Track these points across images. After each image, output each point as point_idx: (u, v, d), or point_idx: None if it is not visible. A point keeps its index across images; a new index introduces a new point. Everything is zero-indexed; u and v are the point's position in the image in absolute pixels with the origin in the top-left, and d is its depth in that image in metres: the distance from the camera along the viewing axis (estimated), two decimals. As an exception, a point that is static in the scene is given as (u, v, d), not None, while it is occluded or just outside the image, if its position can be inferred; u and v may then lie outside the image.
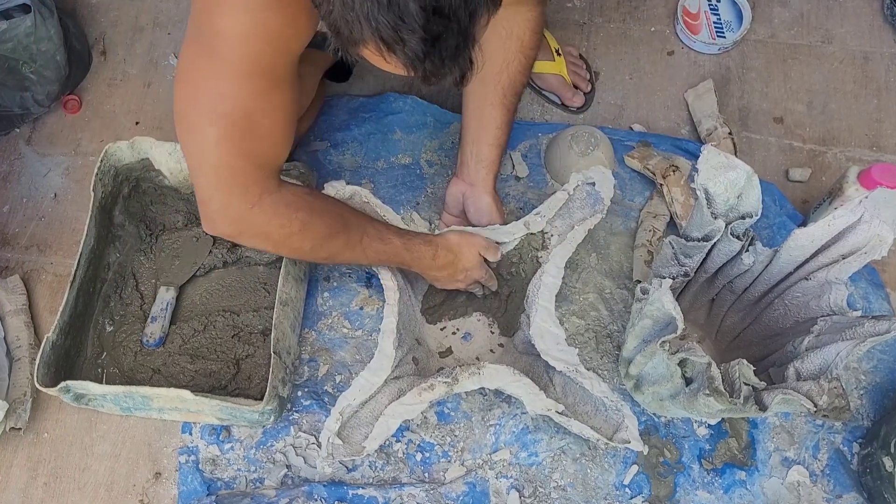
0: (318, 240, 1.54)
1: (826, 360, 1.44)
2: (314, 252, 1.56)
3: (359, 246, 1.59)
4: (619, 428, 1.58)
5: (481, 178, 1.79)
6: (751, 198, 1.50)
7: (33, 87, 2.03)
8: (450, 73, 1.20)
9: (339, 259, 1.63)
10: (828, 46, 2.24)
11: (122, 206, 1.89)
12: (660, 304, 1.43)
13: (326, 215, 1.55)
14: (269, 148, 1.46)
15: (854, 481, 1.72)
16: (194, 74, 1.38)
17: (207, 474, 1.75)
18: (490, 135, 1.76)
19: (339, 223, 1.56)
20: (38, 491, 1.78)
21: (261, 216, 1.45)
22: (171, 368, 1.82)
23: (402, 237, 1.66)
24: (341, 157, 2.08)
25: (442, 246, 1.70)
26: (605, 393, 1.59)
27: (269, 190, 1.46)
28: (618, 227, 1.96)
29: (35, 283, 1.98)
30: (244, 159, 1.41)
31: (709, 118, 2.05)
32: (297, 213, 1.49)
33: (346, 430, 1.59)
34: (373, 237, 1.61)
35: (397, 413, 1.58)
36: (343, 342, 1.86)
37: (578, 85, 2.16)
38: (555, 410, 1.58)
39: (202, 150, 1.41)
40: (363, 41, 1.16)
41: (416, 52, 1.13)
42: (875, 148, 2.10)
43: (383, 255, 1.64)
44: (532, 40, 1.72)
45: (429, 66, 1.17)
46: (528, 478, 1.72)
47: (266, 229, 1.48)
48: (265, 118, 1.41)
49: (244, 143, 1.40)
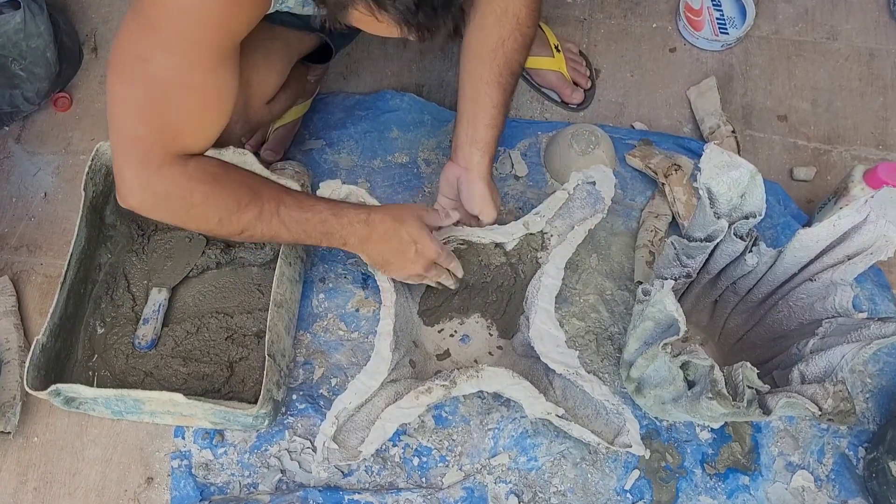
0: (224, 211, 1.49)
1: (831, 363, 1.42)
2: (224, 225, 1.50)
3: (275, 217, 1.52)
4: (620, 432, 1.57)
5: (475, 162, 1.73)
6: (754, 197, 1.48)
7: (23, 84, 2.02)
8: (443, 23, 1.19)
9: (257, 233, 1.53)
10: (833, 43, 2.22)
11: (114, 205, 1.86)
12: (662, 306, 1.41)
13: (232, 186, 1.50)
14: (179, 125, 1.43)
15: (860, 486, 1.71)
16: (127, 33, 1.37)
17: (200, 479, 1.74)
18: (486, 115, 1.71)
19: (248, 194, 1.51)
20: (27, 496, 1.77)
21: (160, 187, 1.43)
22: (164, 371, 1.81)
23: (328, 203, 1.60)
24: (337, 156, 2.07)
25: (376, 210, 1.63)
26: (606, 396, 1.57)
27: (170, 162, 1.43)
28: (619, 227, 1.94)
29: (25, 285, 1.97)
30: (148, 128, 1.40)
31: (711, 116, 2.04)
32: (198, 185, 1.46)
33: (341, 434, 1.57)
34: (291, 206, 1.54)
35: (394, 417, 1.56)
36: (339, 344, 1.85)
37: (578, 82, 2.14)
38: (555, 414, 1.56)
39: (114, 109, 1.41)
40: (352, 2, 1.15)
41: (407, 4, 1.13)
42: (881, 146, 2.08)
43: (307, 224, 1.56)
44: (529, 18, 1.68)
45: (421, 17, 1.16)
46: (528, 483, 1.71)
47: (167, 200, 1.45)
48: (180, 94, 1.39)
49: (150, 112, 1.39)
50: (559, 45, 2.12)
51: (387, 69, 2.19)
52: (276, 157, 2.01)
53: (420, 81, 2.19)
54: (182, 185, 1.45)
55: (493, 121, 1.71)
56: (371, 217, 1.60)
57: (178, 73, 1.36)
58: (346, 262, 1.92)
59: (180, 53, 1.34)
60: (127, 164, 1.42)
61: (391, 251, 1.63)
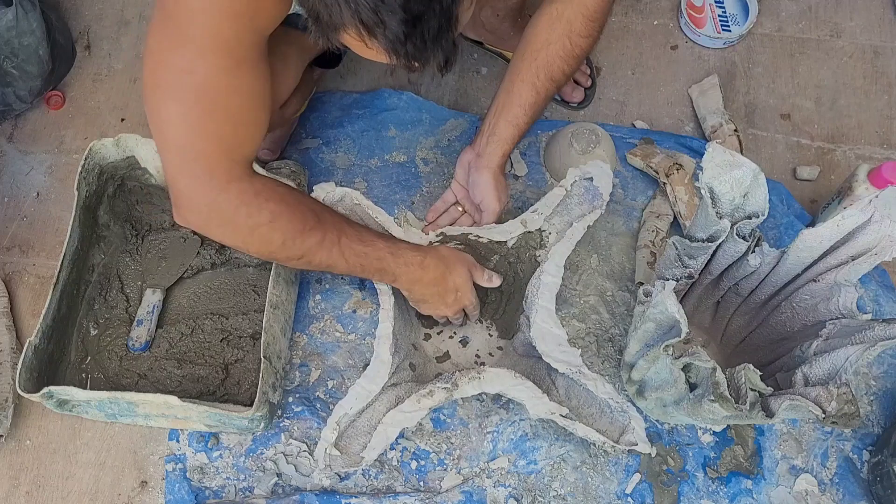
0: (289, 234, 1.47)
1: (835, 365, 1.41)
2: (286, 248, 1.49)
3: (336, 246, 1.52)
4: (625, 430, 1.57)
5: (488, 151, 1.73)
6: (757, 197, 1.47)
7: (15, 82, 2.01)
8: (433, 56, 1.19)
9: (315, 260, 1.53)
10: (836, 41, 2.21)
11: (107, 205, 1.86)
12: (663, 307, 1.40)
13: (299, 208, 1.49)
14: (237, 131, 1.41)
15: (864, 490, 1.70)
16: (159, 46, 1.35)
17: (195, 483, 1.73)
18: (511, 112, 1.71)
19: (312, 218, 1.50)
20: (20, 500, 1.76)
21: (227, 204, 1.41)
22: (158, 373, 1.80)
23: (385, 240, 1.61)
24: (334, 155, 2.06)
25: (431, 255, 1.65)
26: (610, 394, 1.57)
27: (238, 177, 1.41)
28: (619, 227, 1.94)
29: (17, 286, 1.96)
30: (209, 141, 1.38)
31: (714, 115, 2.03)
32: (266, 203, 1.44)
33: (343, 440, 1.57)
34: (352, 237, 1.54)
35: (396, 421, 1.56)
36: (335, 346, 1.84)
37: (578, 80, 2.13)
38: (559, 414, 1.56)
39: (166, 129, 1.38)
40: (343, 26, 1.14)
41: (396, 34, 1.12)
42: (886, 145, 2.08)
43: (364, 258, 1.56)
44: (583, 27, 1.64)
45: (410, 48, 1.15)
46: (527, 486, 1.70)
47: (233, 218, 1.43)
48: (230, 98, 1.37)
49: (209, 124, 1.36)
50: None
51: (384, 67, 2.18)
52: (272, 157, 2.00)
53: (418, 80, 2.18)
54: (250, 203, 1.42)
55: (515, 119, 1.71)
56: (426, 261, 1.63)
57: (224, 76, 1.34)
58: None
59: (218, 55, 1.32)
60: (192, 181, 1.39)
61: (434, 294, 1.67)
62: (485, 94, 2.15)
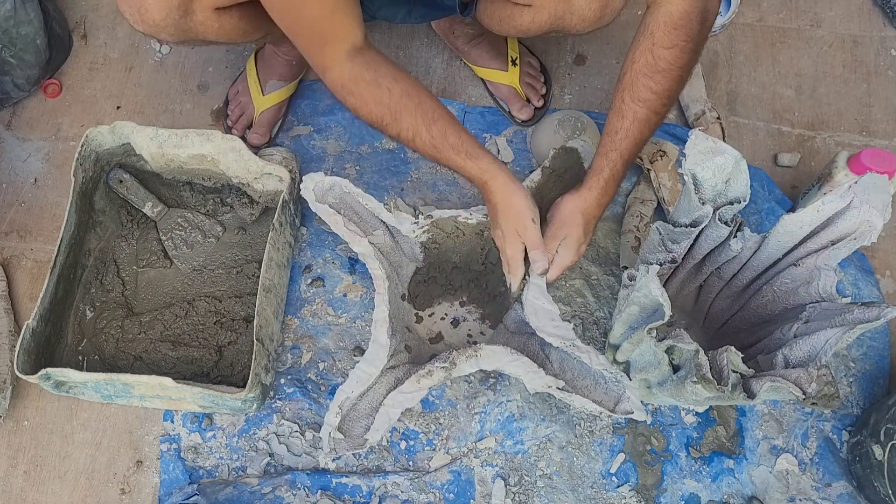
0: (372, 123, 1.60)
1: (815, 348, 1.43)
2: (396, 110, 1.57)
3: (411, 143, 1.60)
4: (620, 399, 1.57)
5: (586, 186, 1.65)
6: (739, 183, 1.49)
7: (13, 71, 2.01)
8: None
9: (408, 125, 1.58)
10: (816, 30, 2.23)
11: (103, 191, 1.87)
12: (647, 291, 1.42)
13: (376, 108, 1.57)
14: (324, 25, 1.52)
15: (843, 469, 1.73)
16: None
17: (189, 462, 1.75)
18: (602, 144, 1.63)
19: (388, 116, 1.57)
20: (18, 479, 1.77)
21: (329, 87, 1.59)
22: (153, 355, 1.81)
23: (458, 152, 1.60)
24: (325, 142, 2.07)
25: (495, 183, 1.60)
26: (605, 365, 1.57)
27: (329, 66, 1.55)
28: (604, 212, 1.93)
29: (15, 270, 1.97)
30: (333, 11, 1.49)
31: (696, 102, 2.04)
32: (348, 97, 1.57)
33: (346, 423, 1.58)
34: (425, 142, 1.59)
35: (397, 402, 1.58)
36: (326, 329, 1.86)
37: (531, 98, 2.10)
38: (555, 387, 1.57)
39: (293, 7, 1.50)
40: None
41: None
42: (864, 132, 2.10)
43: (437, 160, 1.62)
44: (665, 38, 1.52)
45: None
46: (514, 466, 1.72)
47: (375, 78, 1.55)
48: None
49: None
50: (518, 58, 2.10)
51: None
52: (263, 141, 2.02)
53: (407, 68, 2.18)
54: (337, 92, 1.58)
55: (602, 148, 1.63)
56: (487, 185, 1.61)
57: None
58: (335, 248, 1.92)
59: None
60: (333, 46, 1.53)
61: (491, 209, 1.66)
62: (472, 83, 2.17)
